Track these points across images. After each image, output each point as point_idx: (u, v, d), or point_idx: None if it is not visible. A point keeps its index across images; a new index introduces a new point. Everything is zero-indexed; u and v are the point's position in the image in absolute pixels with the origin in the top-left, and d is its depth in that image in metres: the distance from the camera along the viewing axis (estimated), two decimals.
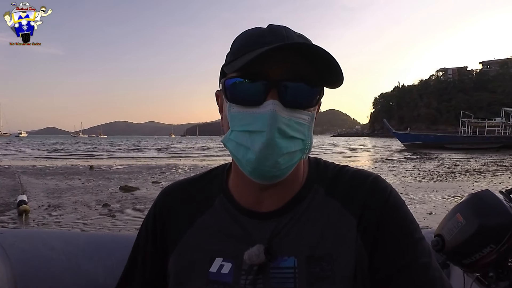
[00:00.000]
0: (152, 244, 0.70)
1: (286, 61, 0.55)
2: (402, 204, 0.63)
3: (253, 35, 0.59)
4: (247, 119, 0.56)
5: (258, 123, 0.54)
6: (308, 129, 0.59)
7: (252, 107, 0.56)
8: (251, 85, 0.56)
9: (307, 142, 0.59)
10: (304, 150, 0.59)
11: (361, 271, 0.58)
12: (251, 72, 0.56)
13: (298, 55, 0.55)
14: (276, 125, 0.53)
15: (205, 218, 0.67)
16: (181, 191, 0.72)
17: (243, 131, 0.56)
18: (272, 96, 0.54)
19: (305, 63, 0.56)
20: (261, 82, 0.55)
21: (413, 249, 0.59)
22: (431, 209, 6.22)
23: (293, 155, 0.57)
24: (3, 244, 0.98)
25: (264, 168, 0.55)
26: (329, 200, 0.64)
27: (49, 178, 10.22)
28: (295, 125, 0.56)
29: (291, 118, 0.55)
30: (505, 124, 37.77)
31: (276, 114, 0.53)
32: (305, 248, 0.60)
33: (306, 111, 0.58)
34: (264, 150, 0.53)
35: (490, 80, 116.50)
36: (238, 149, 0.57)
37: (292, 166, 0.59)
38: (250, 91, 0.56)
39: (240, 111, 0.57)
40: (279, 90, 0.55)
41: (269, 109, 0.53)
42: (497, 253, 0.90)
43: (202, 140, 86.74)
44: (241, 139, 0.56)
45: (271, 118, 0.53)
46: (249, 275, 0.59)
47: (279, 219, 0.62)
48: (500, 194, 0.97)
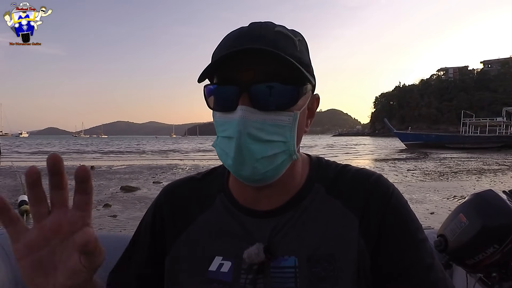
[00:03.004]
0: (151, 240, 0.70)
1: (257, 64, 0.54)
2: (405, 204, 0.63)
3: (231, 37, 0.58)
4: (224, 125, 0.56)
5: (230, 129, 0.54)
6: (290, 130, 0.57)
7: (228, 113, 0.56)
8: (224, 91, 0.56)
9: (290, 143, 0.57)
10: (288, 152, 0.57)
11: (363, 271, 0.58)
12: (224, 77, 0.56)
13: (269, 56, 0.53)
14: (245, 131, 0.53)
15: (206, 216, 0.66)
16: (182, 189, 0.72)
17: (223, 137, 0.57)
18: (243, 101, 0.54)
19: (276, 63, 0.54)
20: (232, 87, 0.55)
21: (415, 250, 0.58)
22: (433, 208, 6.21)
23: (273, 158, 0.56)
24: (4, 244, 0.98)
25: (243, 173, 0.56)
26: (330, 199, 0.63)
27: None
28: (271, 128, 0.55)
29: (266, 121, 0.54)
30: (507, 124, 37.65)
31: (245, 120, 0.53)
32: (306, 248, 0.59)
33: (286, 112, 0.56)
34: (237, 156, 0.54)
35: (491, 79, 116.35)
36: (221, 154, 0.58)
37: (276, 169, 0.57)
38: (224, 97, 0.56)
39: (220, 116, 0.57)
40: (250, 94, 0.54)
41: (238, 115, 0.53)
42: (501, 253, 0.89)
43: (202, 140, 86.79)
44: (223, 144, 0.57)
45: (239, 124, 0.53)
46: (249, 274, 0.59)
47: (279, 218, 0.62)
48: (503, 194, 0.97)
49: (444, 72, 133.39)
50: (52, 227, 0.44)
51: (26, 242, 0.44)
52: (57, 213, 0.45)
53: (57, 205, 0.45)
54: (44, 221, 0.44)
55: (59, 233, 0.45)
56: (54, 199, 0.45)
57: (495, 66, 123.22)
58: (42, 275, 0.45)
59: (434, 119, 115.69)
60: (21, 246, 0.44)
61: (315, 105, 0.65)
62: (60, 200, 0.45)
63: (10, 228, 0.44)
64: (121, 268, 0.72)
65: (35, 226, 0.45)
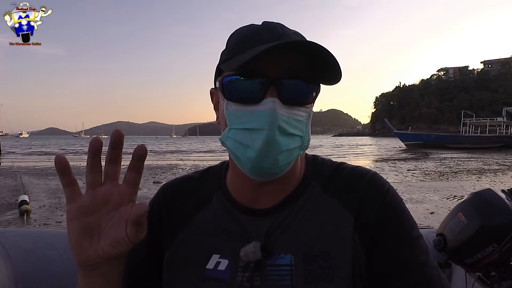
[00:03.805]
0: (149, 238, 0.68)
1: (284, 59, 0.55)
2: (400, 201, 0.63)
3: (248, 32, 0.59)
4: (246, 117, 0.55)
5: (257, 120, 0.54)
6: (306, 125, 0.59)
7: (250, 105, 0.55)
8: (249, 83, 0.56)
9: (305, 139, 0.59)
10: (302, 147, 0.59)
11: (359, 269, 0.58)
12: (249, 70, 0.55)
13: (295, 53, 0.55)
14: (276, 123, 0.53)
15: (203, 214, 0.67)
16: (180, 187, 0.72)
17: (242, 129, 0.56)
18: (271, 93, 0.54)
19: (302, 60, 0.56)
20: (260, 80, 0.55)
21: (410, 247, 0.59)
22: (433, 208, 6.21)
23: (292, 152, 0.57)
24: (5, 243, 0.98)
25: (264, 166, 0.56)
26: (326, 197, 0.63)
27: (50, 179, 10.22)
28: (294, 122, 0.56)
29: (290, 115, 0.56)
30: (507, 124, 37.62)
31: (276, 111, 0.53)
32: (302, 246, 0.59)
33: (303, 108, 0.58)
34: (265, 147, 0.54)
35: (492, 79, 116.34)
36: (237, 147, 0.57)
37: (290, 163, 0.59)
38: (248, 89, 0.56)
39: (239, 109, 0.56)
40: (278, 88, 0.55)
41: (268, 107, 0.53)
42: (499, 252, 0.89)
43: (202, 140, 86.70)
44: (240, 137, 0.56)
45: (271, 115, 0.53)
46: (245, 272, 0.59)
47: (276, 216, 0.62)
48: (502, 193, 0.97)
49: (444, 72, 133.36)
50: (103, 197, 0.49)
51: (79, 205, 0.49)
52: (109, 185, 0.50)
53: (110, 177, 0.50)
54: (97, 190, 0.49)
55: (109, 203, 0.50)
56: (109, 171, 0.50)
57: (495, 66, 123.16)
58: (87, 239, 0.49)
59: (434, 119, 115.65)
60: (74, 207, 0.49)
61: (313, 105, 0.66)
62: (113, 173, 0.50)
63: (68, 189, 0.49)
64: None
65: (88, 192, 0.49)
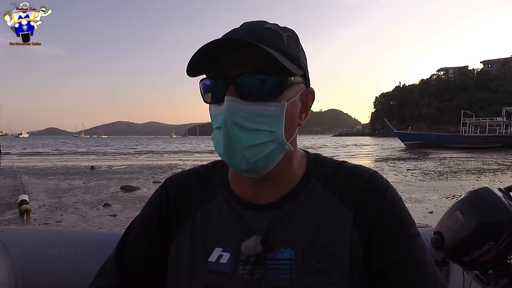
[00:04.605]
0: (157, 226, 0.70)
1: (242, 57, 0.57)
2: (398, 200, 0.64)
3: (223, 36, 0.61)
4: (215, 117, 0.60)
5: (219, 119, 0.58)
6: (277, 119, 0.59)
7: (218, 105, 0.59)
8: (214, 84, 0.60)
9: (278, 133, 0.59)
10: (277, 141, 0.59)
11: (357, 264, 0.59)
12: (215, 71, 0.60)
13: (253, 49, 0.55)
14: (231, 119, 0.56)
15: (207, 208, 0.68)
16: (185, 180, 0.74)
17: (216, 128, 0.61)
18: (229, 92, 0.57)
19: (260, 56, 0.56)
20: (221, 80, 0.59)
21: (407, 244, 0.60)
22: (432, 208, 6.21)
23: (261, 147, 0.58)
24: (5, 241, 0.99)
25: (235, 161, 0.59)
26: (326, 194, 0.65)
27: (50, 178, 10.23)
28: (257, 118, 0.57)
29: (251, 111, 0.57)
30: (506, 124, 37.63)
31: (230, 109, 0.56)
32: (302, 240, 0.61)
33: (273, 102, 0.58)
34: (226, 144, 0.57)
35: (492, 79, 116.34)
36: (216, 145, 0.61)
37: (266, 158, 0.59)
38: (214, 90, 0.60)
39: (213, 109, 0.61)
40: (237, 85, 0.57)
41: (225, 105, 0.56)
42: (496, 250, 0.90)
43: (203, 140, 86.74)
44: (216, 136, 0.61)
45: (225, 113, 0.56)
46: (246, 265, 0.61)
47: (277, 211, 0.64)
48: (499, 191, 0.97)
49: (444, 72, 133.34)
50: None
51: None
52: None
53: None
54: None
55: None
56: None
57: (495, 66, 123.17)
58: None
59: (434, 119, 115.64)
60: None
61: (310, 99, 0.66)
62: None
63: None
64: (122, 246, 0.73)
65: None
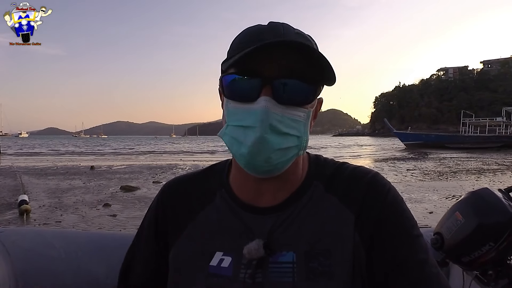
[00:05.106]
0: (154, 236, 0.72)
1: (281, 59, 0.56)
2: (401, 201, 0.64)
3: (251, 32, 0.61)
4: (241, 115, 0.58)
5: (251, 118, 0.56)
6: (304, 126, 0.60)
7: (246, 103, 0.57)
8: (247, 82, 0.58)
9: (303, 139, 0.60)
10: (299, 147, 0.60)
11: (359, 266, 0.59)
12: (247, 69, 0.57)
13: (294, 53, 0.56)
14: (268, 121, 0.55)
15: (207, 212, 0.68)
16: (183, 185, 0.73)
17: (238, 126, 0.58)
18: (265, 93, 0.56)
19: (300, 60, 0.57)
20: (256, 79, 0.57)
21: (410, 245, 0.59)
22: (432, 208, 6.21)
23: (287, 151, 0.58)
24: (5, 242, 0.99)
25: (257, 163, 0.57)
26: (328, 196, 0.64)
27: (50, 178, 10.22)
28: (289, 122, 0.57)
29: (284, 114, 0.57)
30: (506, 124, 37.64)
31: (268, 110, 0.55)
32: (304, 244, 0.60)
33: (301, 108, 0.59)
34: (256, 145, 0.55)
35: (491, 79, 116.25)
36: (233, 143, 0.59)
37: (286, 161, 0.60)
38: (245, 88, 0.58)
39: (236, 106, 0.59)
40: (273, 87, 0.56)
41: (261, 106, 0.55)
42: (496, 251, 0.90)
43: (203, 140, 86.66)
44: (236, 133, 0.58)
45: (262, 114, 0.55)
46: (248, 269, 0.60)
47: (279, 214, 0.63)
48: (499, 192, 0.97)
49: (444, 72, 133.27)
50: None
51: None
52: None
53: None
54: None
55: None
56: None
57: (495, 66, 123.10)
58: None
59: (434, 119, 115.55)
60: None
61: (318, 108, 0.67)
62: None
63: None
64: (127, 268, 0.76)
65: None
